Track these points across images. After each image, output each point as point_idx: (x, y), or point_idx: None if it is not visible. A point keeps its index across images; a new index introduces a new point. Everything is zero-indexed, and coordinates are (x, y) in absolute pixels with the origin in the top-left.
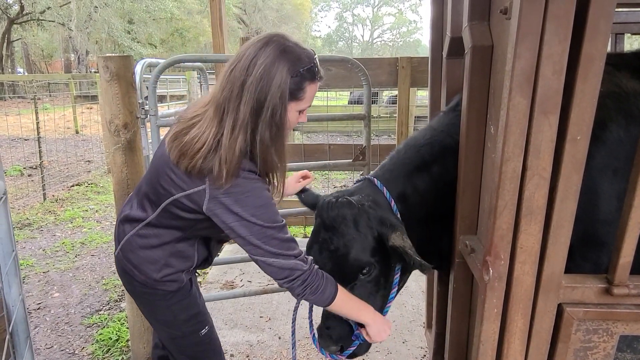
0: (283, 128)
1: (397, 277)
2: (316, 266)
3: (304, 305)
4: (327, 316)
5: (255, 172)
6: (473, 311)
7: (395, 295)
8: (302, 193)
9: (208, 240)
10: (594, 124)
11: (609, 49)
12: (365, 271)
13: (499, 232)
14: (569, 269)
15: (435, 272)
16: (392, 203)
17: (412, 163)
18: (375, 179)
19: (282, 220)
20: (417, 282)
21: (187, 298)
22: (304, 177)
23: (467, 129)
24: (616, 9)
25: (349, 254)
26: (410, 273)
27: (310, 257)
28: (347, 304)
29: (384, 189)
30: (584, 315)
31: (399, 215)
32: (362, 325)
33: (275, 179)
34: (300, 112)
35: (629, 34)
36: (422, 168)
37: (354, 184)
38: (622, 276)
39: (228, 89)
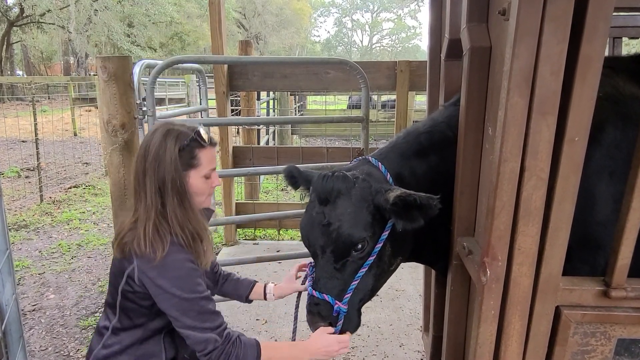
0: (188, 196)
1: (380, 246)
2: (235, 335)
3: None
4: (312, 295)
5: (176, 243)
6: (470, 314)
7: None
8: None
9: (172, 335)
10: (592, 126)
11: (606, 52)
12: (359, 247)
13: (496, 233)
14: (565, 271)
15: (433, 275)
16: (389, 176)
17: (410, 148)
18: (371, 157)
19: (204, 291)
20: (414, 286)
21: None
22: (302, 268)
23: (465, 130)
24: (614, 13)
25: (342, 229)
26: (402, 255)
27: (227, 331)
28: (277, 357)
29: (380, 164)
30: (581, 318)
31: None
32: (339, 299)
33: (199, 245)
34: (207, 177)
35: (626, 38)
36: (420, 154)
37: (350, 163)
38: (620, 279)
39: (134, 178)
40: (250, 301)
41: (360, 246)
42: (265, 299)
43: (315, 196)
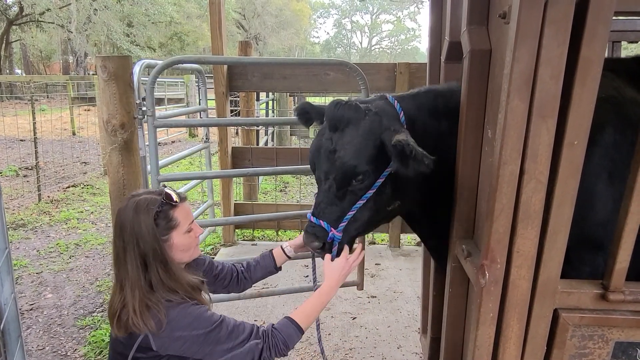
0: (170, 261)
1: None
2: (269, 328)
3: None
4: (310, 220)
5: (171, 300)
6: (469, 316)
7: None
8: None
9: None
10: (592, 127)
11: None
12: (359, 178)
13: (495, 236)
14: (565, 272)
15: (431, 277)
16: (402, 115)
17: (427, 104)
18: (389, 95)
19: (219, 317)
20: (412, 288)
21: None
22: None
23: (465, 132)
24: (613, 17)
25: (345, 157)
26: (401, 201)
27: (261, 329)
28: (312, 315)
29: (396, 103)
30: (579, 320)
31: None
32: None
33: (199, 296)
34: (188, 231)
35: (624, 42)
36: (434, 114)
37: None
38: (618, 282)
39: (115, 256)
40: (280, 268)
41: (361, 177)
42: (289, 257)
43: (327, 123)
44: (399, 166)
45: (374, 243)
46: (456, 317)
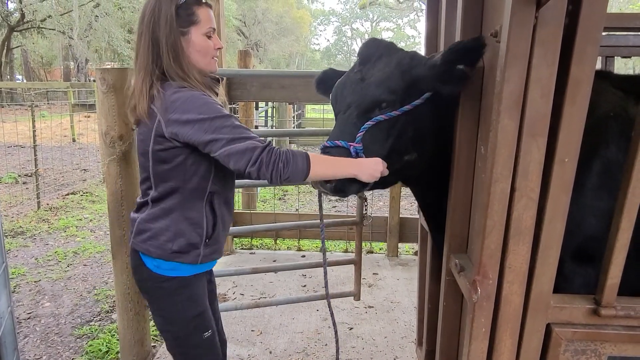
0: (182, 53)
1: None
2: (276, 147)
3: (294, 323)
4: (324, 146)
5: (185, 86)
6: (463, 329)
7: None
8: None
9: (212, 202)
10: (597, 142)
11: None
12: (383, 105)
13: (487, 252)
14: (559, 283)
15: (427, 289)
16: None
17: None
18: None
19: (230, 114)
20: (409, 298)
21: (193, 295)
22: None
23: (459, 147)
24: (606, 33)
25: (372, 84)
26: (418, 152)
27: (269, 138)
28: (326, 163)
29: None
30: (572, 335)
31: None
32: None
33: (204, 88)
34: (208, 36)
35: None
36: None
37: None
38: (610, 297)
39: (134, 42)
40: None
41: (385, 105)
42: None
43: (358, 59)
44: (450, 87)
45: (372, 252)
46: (450, 331)
